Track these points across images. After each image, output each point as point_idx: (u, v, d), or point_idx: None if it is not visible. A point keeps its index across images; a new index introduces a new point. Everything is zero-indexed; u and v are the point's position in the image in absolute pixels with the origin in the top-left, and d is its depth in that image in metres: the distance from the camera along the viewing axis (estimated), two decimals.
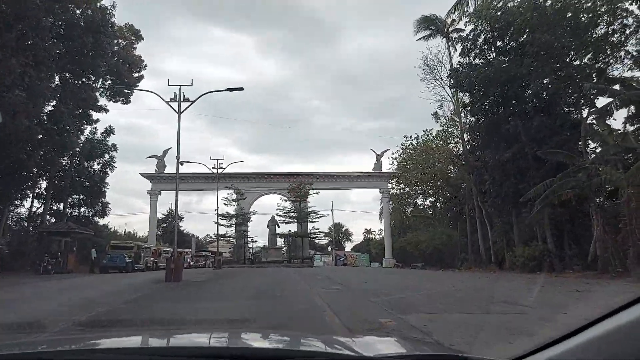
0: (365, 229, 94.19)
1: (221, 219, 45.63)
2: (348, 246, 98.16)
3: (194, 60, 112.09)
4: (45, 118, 24.23)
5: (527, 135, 23.03)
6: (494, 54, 23.86)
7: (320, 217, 47.47)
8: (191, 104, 15.83)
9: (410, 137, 45.50)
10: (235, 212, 45.74)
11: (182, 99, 15.88)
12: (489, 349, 3.76)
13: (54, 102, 26.42)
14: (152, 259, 32.48)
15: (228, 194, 45.73)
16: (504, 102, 23.42)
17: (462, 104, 25.63)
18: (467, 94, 25.23)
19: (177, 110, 15.88)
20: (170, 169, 49.04)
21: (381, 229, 75.76)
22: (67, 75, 28.21)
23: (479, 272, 26.25)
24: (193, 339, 2.20)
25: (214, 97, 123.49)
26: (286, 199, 47.38)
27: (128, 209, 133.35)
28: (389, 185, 48.95)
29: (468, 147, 29.42)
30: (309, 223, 47.83)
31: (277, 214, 47.37)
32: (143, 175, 47.84)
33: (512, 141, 23.32)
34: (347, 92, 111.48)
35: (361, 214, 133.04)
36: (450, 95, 32.27)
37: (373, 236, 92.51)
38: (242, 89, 14.96)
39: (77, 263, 28.21)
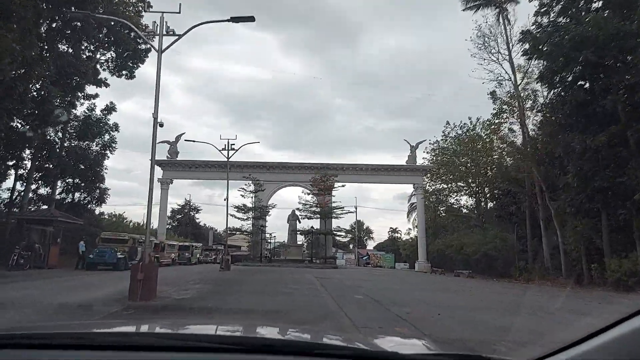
0: (391, 228, 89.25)
1: (236, 211, 41.20)
2: (369, 245, 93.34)
3: (218, 57, 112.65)
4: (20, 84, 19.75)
5: (631, 114, 17.51)
6: (587, 5, 18.33)
7: (346, 213, 42.49)
8: (177, 40, 11.05)
9: (454, 124, 39.98)
10: (252, 205, 41.15)
11: (164, 32, 11.10)
12: None
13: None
14: (153, 254, 28.10)
15: (245, 185, 41.19)
16: (601, 71, 17.91)
17: (539, 76, 20.09)
18: (545, 63, 19.74)
19: (157, 48, 11.11)
20: (183, 155, 44.92)
21: (409, 229, 70.67)
22: (53, 35, 23.89)
23: (550, 286, 20.90)
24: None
25: (237, 94, 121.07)
26: (309, 192, 42.53)
27: (145, 199, 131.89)
28: (425, 180, 43.53)
29: (539, 132, 23.91)
30: (332, 219, 42.87)
31: (298, 209, 42.66)
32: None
33: (607, 122, 17.84)
34: (368, 92, 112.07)
35: (382, 212, 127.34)
36: (510, 72, 26.77)
37: (399, 236, 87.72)
38: (252, 19, 10.07)
39: (62, 257, 24.03)
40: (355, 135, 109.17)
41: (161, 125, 10.58)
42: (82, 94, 27.68)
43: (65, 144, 27.17)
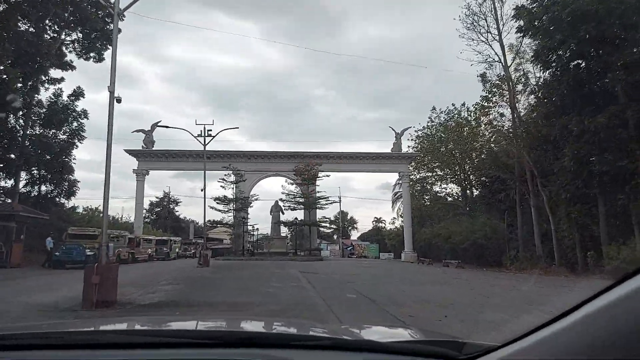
0: (375, 218, 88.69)
1: (217, 203, 39.61)
2: (353, 235, 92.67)
3: (199, 46, 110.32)
4: None
5: (631, 94, 16.66)
6: None
7: (331, 203, 41.31)
8: (134, 2, 9.48)
9: (440, 110, 39.02)
10: (233, 196, 39.62)
11: None
12: None
13: None
14: (127, 249, 26.49)
15: (225, 175, 39.58)
16: (600, 48, 16.98)
17: (534, 54, 19.07)
18: (540, 41, 18.71)
19: (114, 9, 9.52)
20: (160, 145, 42.95)
21: (394, 218, 70.02)
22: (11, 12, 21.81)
23: (545, 275, 20.17)
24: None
25: (218, 84, 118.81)
26: (292, 182, 41.19)
27: (129, 193, 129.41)
28: (410, 168, 42.66)
29: (531, 115, 23.02)
30: (317, 210, 41.67)
31: (281, 199, 41.29)
32: (128, 151, 41.63)
33: (606, 102, 16.98)
34: (350, 81, 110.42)
35: (364, 202, 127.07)
36: (501, 53, 25.77)
37: (383, 225, 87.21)
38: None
39: (29, 255, 22.26)
40: (338, 126, 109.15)
41: (119, 101, 9.06)
42: (46, 77, 25.67)
43: (29, 132, 25.16)
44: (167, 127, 22.87)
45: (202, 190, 25.08)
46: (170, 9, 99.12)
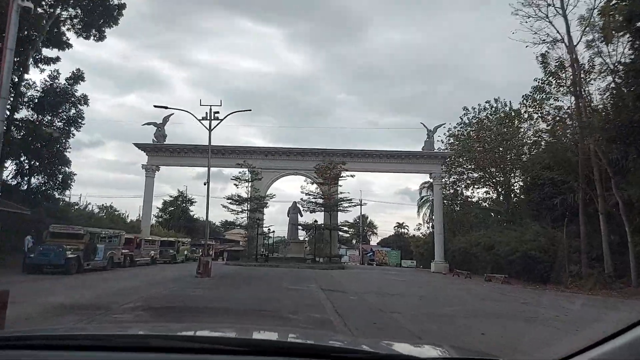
0: (397, 223, 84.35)
1: (230, 203, 36.36)
2: (373, 240, 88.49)
3: (222, 51, 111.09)
4: None
5: None
6: None
7: (354, 205, 37.60)
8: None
9: (473, 108, 34.93)
10: (248, 195, 36.27)
11: None
12: None
13: None
14: (124, 251, 23.33)
15: (240, 173, 36.26)
16: None
17: (625, 18, 15.01)
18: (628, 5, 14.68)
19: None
20: (171, 139, 40.01)
21: (419, 224, 65.74)
22: None
23: (622, 298, 16.09)
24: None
25: (241, 88, 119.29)
26: (312, 181, 37.62)
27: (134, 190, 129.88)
28: (443, 168, 38.57)
29: (608, 102, 18.89)
30: (338, 212, 37.98)
31: (300, 200, 37.74)
32: (137, 145, 38.82)
33: None
34: (371, 86, 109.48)
35: (383, 208, 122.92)
36: (564, 31, 21.66)
37: (405, 231, 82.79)
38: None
39: (8, 256, 19.24)
40: (359, 131, 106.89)
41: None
42: (39, 56, 22.78)
43: (17, 117, 22.30)
44: (166, 107, 19.33)
45: (205, 184, 21.75)
46: (195, 14, 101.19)
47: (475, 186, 40.87)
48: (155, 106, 18.50)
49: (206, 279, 15.23)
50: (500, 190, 36.83)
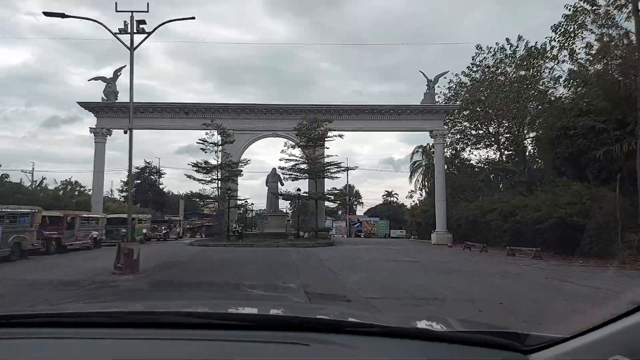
0: (386, 191, 79.54)
1: (196, 171, 30.56)
2: (359, 210, 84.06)
3: (200, 20, 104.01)
4: None
5: None
6: None
7: (343, 170, 32.14)
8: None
9: (488, 47, 29.31)
10: (218, 162, 30.47)
11: None
12: None
13: None
14: (47, 233, 17.68)
15: (207, 135, 30.36)
16: None
17: None
18: None
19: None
20: (124, 96, 33.60)
21: (412, 191, 61.01)
22: None
23: None
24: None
25: (223, 57, 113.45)
26: (294, 144, 31.97)
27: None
28: (447, 124, 33.26)
29: None
30: (325, 180, 32.58)
31: (280, 168, 32.07)
32: (83, 104, 32.37)
33: None
34: (355, 54, 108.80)
35: (365, 177, 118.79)
36: None
37: (395, 200, 78.24)
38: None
39: None
40: (344, 99, 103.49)
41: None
42: None
43: None
44: (62, 15, 13.12)
45: (125, 132, 15.82)
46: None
47: (480, 145, 35.90)
48: (45, 13, 12.43)
49: (125, 277, 9.72)
50: (511, 148, 31.83)
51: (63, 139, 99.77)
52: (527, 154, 27.94)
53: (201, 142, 30.28)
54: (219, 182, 30.26)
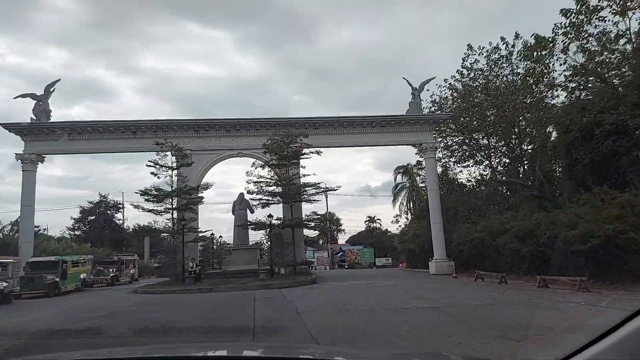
0: (368, 217, 74.94)
1: (145, 200, 25.26)
2: (341, 238, 79.12)
3: (171, 57, 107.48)
4: None
5: None
6: None
7: (322, 192, 27.43)
8: None
9: (481, 47, 25.72)
10: (173, 188, 25.30)
11: None
12: None
13: None
14: None
15: (158, 156, 25.28)
16: None
17: None
18: None
19: None
20: (58, 114, 28.39)
21: (397, 216, 56.75)
22: None
23: None
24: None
25: (193, 93, 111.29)
26: (263, 163, 27.17)
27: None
28: (437, 134, 29.20)
29: None
30: (302, 204, 27.76)
31: (249, 192, 27.08)
32: (6, 126, 26.88)
33: None
34: (326, 86, 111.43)
35: (344, 206, 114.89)
36: None
37: (378, 226, 73.71)
38: None
39: None
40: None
41: None
42: None
43: None
44: None
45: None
46: (140, 21, 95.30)
47: (471, 162, 31.99)
48: None
49: None
50: (511, 157, 27.88)
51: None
52: (535, 164, 23.88)
53: (152, 164, 25.12)
54: (174, 211, 24.98)
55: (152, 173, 25.26)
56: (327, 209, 61.98)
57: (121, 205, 48.00)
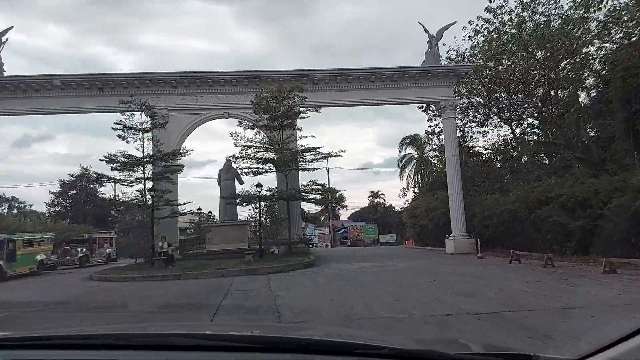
0: (372, 192, 71.11)
1: (112, 168, 21.26)
2: (343, 215, 75.61)
3: (172, 33, 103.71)
4: None
5: None
6: None
7: (322, 158, 23.33)
8: None
9: None
10: (144, 154, 21.21)
11: None
12: None
13: None
14: None
15: (125, 117, 21.10)
16: None
17: None
18: None
19: None
20: (13, 66, 24.04)
21: (404, 189, 52.75)
22: None
23: None
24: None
25: (193, 70, 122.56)
26: (252, 123, 23.01)
27: None
28: (461, 88, 24.87)
29: None
30: (299, 172, 23.71)
31: (235, 157, 22.99)
32: None
33: None
34: (328, 62, 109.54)
35: (345, 183, 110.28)
36: None
37: (382, 201, 69.99)
38: None
39: None
40: (323, 111, 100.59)
41: None
42: None
43: None
44: None
45: None
46: None
47: (497, 120, 27.80)
48: None
49: None
50: (552, 113, 23.54)
51: (33, 157, 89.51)
52: (580, 120, 19.66)
53: (118, 126, 20.97)
54: (146, 182, 20.96)
55: (119, 136, 21.16)
56: (329, 184, 58.12)
57: (105, 179, 44.01)
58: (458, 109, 27.19)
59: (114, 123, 21.06)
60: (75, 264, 24.65)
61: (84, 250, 25.91)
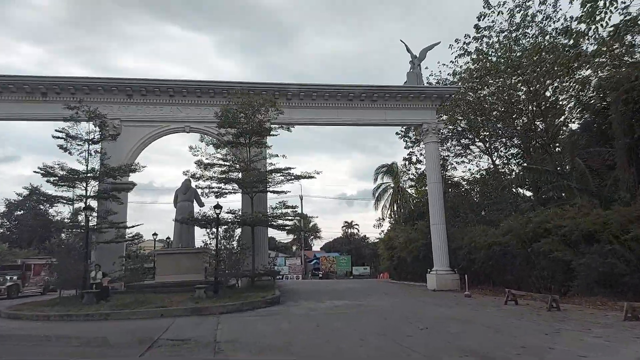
0: (346, 222, 68.87)
1: (48, 181, 18.26)
2: (316, 245, 73.01)
3: (150, 58, 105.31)
4: None
5: None
6: None
7: (297, 178, 20.90)
8: None
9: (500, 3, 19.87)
10: (88, 168, 18.32)
11: None
12: None
13: None
14: None
15: (68, 125, 18.29)
16: None
17: None
18: None
19: None
20: None
21: (379, 220, 50.71)
22: None
23: None
24: None
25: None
26: (214, 139, 20.55)
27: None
28: (441, 112, 23.15)
29: None
30: (267, 194, 21.19)
31: (193, 175, 20.29)
32: None
33: None
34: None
35: (320, 212, 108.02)
36: None
37: (356, 232, 67.80)
38: None
39: None
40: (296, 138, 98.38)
41: None
42: None
43: None
44: None
45: None
46: (118, 20, 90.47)
47: (477, 152, 26.28)
48: None
49: None
50: (538, 142, 22.07)
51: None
52: (575, 146, 18.12)
53: (60, 135, 18.11)
54: (87, 199, 17.97)
55: (60, 147, 18.26)
56: (302, 211, 55.54)
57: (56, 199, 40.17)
58: (441, 135, 25.56)
59: (55, 130, 18.21)
60: (2, 294, 21.03)
61: (15, 278, 22.29)
